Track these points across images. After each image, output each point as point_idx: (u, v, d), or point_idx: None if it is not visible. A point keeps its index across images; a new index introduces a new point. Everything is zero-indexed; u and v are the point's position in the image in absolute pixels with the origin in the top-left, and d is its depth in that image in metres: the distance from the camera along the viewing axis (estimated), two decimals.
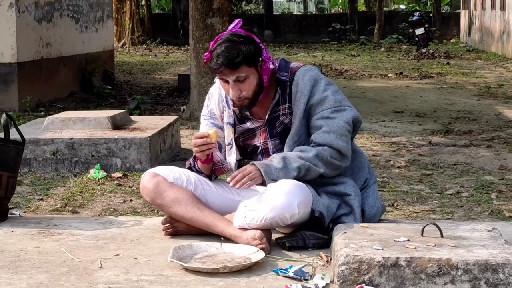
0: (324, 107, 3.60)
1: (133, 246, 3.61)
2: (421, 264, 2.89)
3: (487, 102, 11.88)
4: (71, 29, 12.49)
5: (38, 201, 5.46)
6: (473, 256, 2.91)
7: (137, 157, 6.53)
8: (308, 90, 3.61)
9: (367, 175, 3.75)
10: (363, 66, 18.80)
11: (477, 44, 25.91)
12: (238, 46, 3.51)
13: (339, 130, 3.56)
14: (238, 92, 3.57)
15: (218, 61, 3.51)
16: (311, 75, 3.65)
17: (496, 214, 5.22)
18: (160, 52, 25.31)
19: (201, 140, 3.59)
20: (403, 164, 6.94)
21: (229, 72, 3.53)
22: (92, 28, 13.52)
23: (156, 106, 11.43)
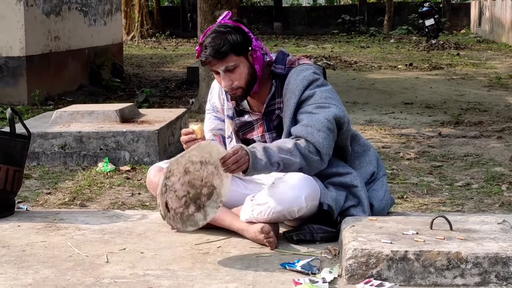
0: (309, 103, 3.54)
1: (140, 240, 3.58)
2: (430, 257, 2.86)
3: (497, 93, 11.80)
4: (79, 22, 12.47)
5: (46, 195, 5.43)
6: (483, 249, 2.88)
7: (145, 150, 6.50)
8: (299, 91, 3.55)
9: (374, 168, 3.70)
10: (372, 58, 18.72)
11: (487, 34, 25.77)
12: (224, 36, 3.49)
13: (317, 125, 3.47)
14: (229, 83, 3.54)
15: (206, 52, 3.50)
16: (304, 76, 3.58)
17: (506, 206, 5.17)
18: (169, 44, 25.28)
19: (187, 137, 3.56)
20: (413, 156, 6.89)
21: (217, 62, 3.50)
22: (101, 21, 13.49)
23: (165, 99, 11.40)
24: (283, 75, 3.64)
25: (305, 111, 3.53)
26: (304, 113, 3.53)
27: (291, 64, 3.66)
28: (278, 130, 3.67)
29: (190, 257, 3.35)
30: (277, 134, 3.67)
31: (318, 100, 3.54)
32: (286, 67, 3.65)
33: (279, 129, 3.66)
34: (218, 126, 3.86)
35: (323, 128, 3.48)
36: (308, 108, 3.53)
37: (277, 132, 3.67)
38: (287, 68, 3.64)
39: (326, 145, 3.49)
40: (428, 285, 2.87)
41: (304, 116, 3.52)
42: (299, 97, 3.55)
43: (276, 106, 3.66)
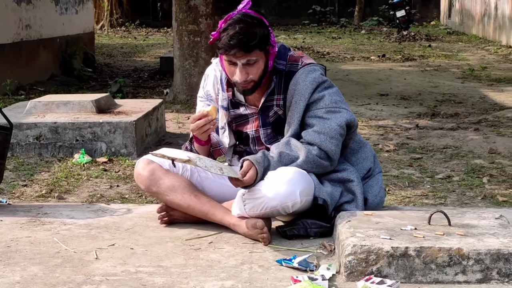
0: (318, 106, 3.48)
1: (128, 236, 3.49)
2: (431, 254, 2.80)
3: (471, 84, 11.82)
4: (51, 10, 12.27)
5: (23, 187, 5.32)
6: (484, 245, 2.82)
7: (122, 141, 6.40)
8: (308, 93, 3.48)
9: (371, 164, 3.64)
10: (344, 49, 18.69)
11: (457, 26, 25.87)
12: (253, 29, 3.39)
13: (331, 132, 3.43)
14: (245, 76, 3.44)
15: (231, 42, 3.37)
16: (314, 78, 3.52)
17: (489, 198, 5.15)
18: (139, 34, 25.04)
19: (203, 120, 3.46)
20: (392, 148, 6.86)
21: (242, 55, 3.40)
22: (72, 9, 13.29)
23: (139, 89, 11.26)
24: (283, 72, 3.55)
25: (315, 115, 3.47)
26: (315, 118, 3.47)
27: (294, 61, 3.57)
28: (273, 126, 3.59)
29: (182, 253, 3.26)
30: (272, 130, 3.60)
31: (328, 104, 3.48)
32: (288, 64, 3.56)
33: (275, 125, 3.59)
34: None
35: (336, 135, 3.44)
36: (319, 112, 3.47)
37: (272, 128, 3.59)
38: (289, 65, 3.56)
39: (338, 152, 3.46)
40: (429, 282, 2.81)
41: (315, 121, 3.46)
42: (308, 99, 3.48)
43: (274, 103, 3.58)
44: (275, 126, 3.58)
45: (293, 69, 3.55)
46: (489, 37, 20.83)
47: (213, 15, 10.04)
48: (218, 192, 3.65)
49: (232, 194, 3.57)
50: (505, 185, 5.49)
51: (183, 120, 8.36)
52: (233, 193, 3.56)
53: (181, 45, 9.90)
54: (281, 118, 3.58)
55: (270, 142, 3.62)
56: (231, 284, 2.89)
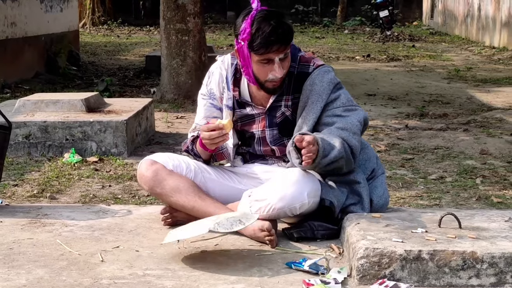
0: (336, 105, 3.47)
1: (132, 238, 3.43)
2: (444, 257, 2.77)
3: (457, 85, 11.85)
4: (36, 8, 12.16)
5: (13, 186, 5.25)
6: (498, 248, 2.80)
7: (113, 140, 6.33)
8: (326, 94, 3.46)
9: (374, 165, 3.61)
10: (329, 48, 18.68)
11: (440, 27, 25.95)
12: (286, 22, 3.39)
13: (353, 128, 3.43)
14: (283, 71, 3.42)
15: (272, 37, 3.32)
16: (330, 79, 3.51)
17: (484, 199, 5.14)
18: (122, 32, 24.92)
19: (216, 133, 3.41)
20: (383, 148, 6.84)
21: (283, 49, 3.37)
22: (57, 7, 13.18)
23: (125, 88, 11.18)
24: (294, 72, 3.51)
25: (334, 114, 3.45)
26: (334, 116, 3.45)
27: (305, 62, 3.53)
28: (280, 127, 3.55)
29: (188, 255, 3.21)
30: (278, 131, 3.55)
31: (345, 103, 3.48)
32: (299, 65, 3.52)
33: (281, 126, 3.55)
34: (213, 113, 3.69)
35: (358, 131, 3.44)
36: (337, 111, 3.45)
37: (279, 129, 3.56)
38: (300, 66, 3.52)
39: (359, 148, 3.44)
40: (443, 285, 2.78)
41: (335, 119, 3.44)
42: (326, 100, 3.46)
43: (282, 103, 3.54)
44: (281, 127, 3.55)
45: (305, 70, 3.52)
46: (472, 37, 20.91)
47: (201, 14, 9.99)
48: (222, 193, 3.61)
49: (236, 195, 3.54)
50: (499, 186, 5.48)
51: (171, 119, 8.31)
52: (237, 194, 3.52)
53: (168, 43, 9.83)
54: (288, 119, 3.54)
55: (275, 143, 3.58)
56: (242, 287, 2.85)
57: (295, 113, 3.55)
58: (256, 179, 3.62)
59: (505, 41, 17.45)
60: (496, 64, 15.05)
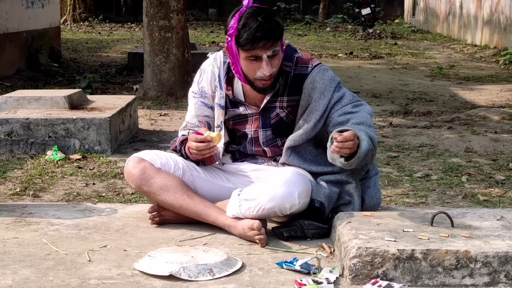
0: (344, 103, 3.43)
1: (120, 237, 3.37)
2: (438, 256, 2.74)
3: (440, 83, 11.87)
4: (17, 4, 12.04)
5: None
6: (491, 248, 2.77)
7: (96, 138, 6.28)
8: (330, 92, 3.42)
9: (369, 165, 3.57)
10: (311, 46, 18.67)
11: (421, 24, 26.01)
12: (274, 18, 3.33)
13: (367, 121, 3.40)
14: (271, 69, 3.34)
15: (258, 33, 3.26)
16: (331, 76, 3.47)
17: (470, 197, 5.13)
18: (103, 29, 24.80)
19: (204, 145, 3.36)
20: None
21: (270, 45, 3.30)
22: (38, 3, 13.06)
23: (107, 85, 11.10)
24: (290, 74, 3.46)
25: (344, 112, 3.40)
26: (346, 114, 3.40)
27: (303, 63, 3.48)
28: (274, 129, 3.50)
29: None
30: (272, 132, 3.51)
31: (352, 100, 3.46)
32: (296, 66, 3.47)
33: (275, 127, 3.50)
34: (204, 112, 3.63)
35: (371, 123, 3.43)
36: (347, 109, 3.41)
37: (273, 130, 3.51)
38: (298, 68, 3.46)
39: (377, 138, 3.40)
40: (436, 285, 2.75)
41: (348, 116, 3.39)
42: (330, 98, 3.42)
43: (277, 104, 3.48)
44: (275, 129, 3.50)
45: (302, 71, 3.46)
46: (454, 35, 20.96)
47: (185, 11, 9.93)
48: (211, 191, 3.55)
49: (225, 194, 3.49)
50: (484, 184, 5.48)
51: (155, 116, 8.26)
52: (226, 192, 3.47)
53: (151, 40, 9.76)
54: (283, 121, 3.49)
55: (268, 144, 3.53)
56: (233, 287, 2.80)
57: (291, 114, 3.49)
58: (245, 177, 3.57)
59: (487, 39, 17.50)
60: (478, 62, 15.10)
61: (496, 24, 16.82)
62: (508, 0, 15.99)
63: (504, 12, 16.25)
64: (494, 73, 13.20)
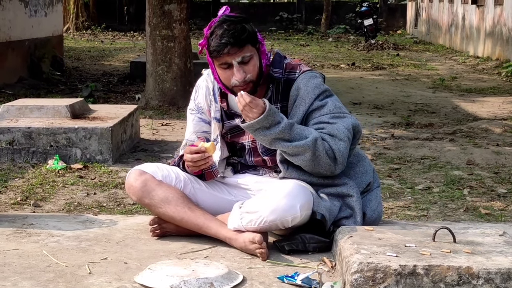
0: (322, 112, 3.38)
1: (120, 249, 3.36)
2: (440, 272, 2.72)
3: (442, 94, 11.88)
4: (20, 12, 12.07)
5: None
6: (493, 264, 2.75)
7: (98, 148, 6.28)
8: (310, 98, 3.39)
9: (370, 178, 3.54)
10: (313, 56, 18.69)
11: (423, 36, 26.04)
12: (240, 24, 3.31)
13: (339, 134, 3.33)
14: (244, 75, 3.32)
15: (222, 40, 3.27)
16: (316, 84, 3.42)
17: (471, 211, 5.12)
18: (105, 38, 24.85)
19: (198, 156, 3.37)
20: (370, 158, 6.80)
21: (236, 51, 3.29)
22: (42, 12, 13.09)
23: (109, 94, 11.12)
24: (280, 80, 3.46)
25: (320, 121, 3.37)
26: (321, 123, 3.36)
27: (291, 69, 3.48)
28: None
29: None
30: None
31: (332, 110, 3.39)
32: (285, 72, 3.47)
33: None
34: (202, 128, 3.64)
35: (345, 137, 3.33)
36: (324, 118, 3.37)
37: None
38: (286, 73, 3.46)
39: (344, 155, 3.33)
40: None
41: (322, 126, 3.36)
42: (310, 105, 3.39)
43: None
44: None
45: (291, 77, 3.46)
46: (456, 47, 20.98)
47: (187, 20, 9.95)
48: (212, 204, 3.54)
49: (226, 207, 3.47)
50: (486, 197, 5.47)
51: (156, 126, 8.26)
52: (228, 205, 3.46)
53: (154, 50, 9.78)
54: None
55: (267, 153, 3.52)
56: None
57: None
58: (246, 190, 3.56)
59: (489, 51, 17.51)
60: (481, 74, 15.11)
61: (499, 36, 16.83)
62: (510, 12, 16.00)
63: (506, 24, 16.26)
64: (496, 85, 13.21)
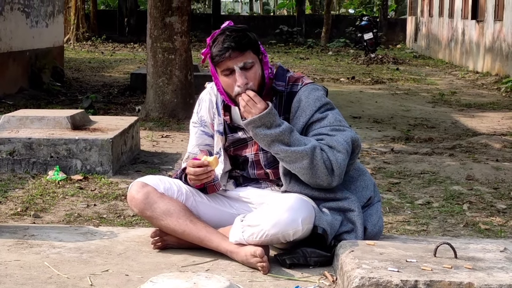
0: (323, 124, 3.41)
1: (122, 261, 3.36)
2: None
3: (442, 109, 11.89)
4: (21, 23, 12.09)
5: None
6: (495, 280, 2.76)
7: (98, 159, 6.28)
8: (311, 110, 3.41)
9: (371, 193, 3.56)
10: (313, 69, 18.71)
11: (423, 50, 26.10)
12: (242, 32, 3.36)
13: (338, 146, 3.35)
14: (245, 81, 3.36)
15: (224, 45, 3.31)
16: (318, 96, 3.45)
17: (471, 226, 5.13)
18: (106, 49, 24.89)
19: (201, 170, 3.38)
20: (370, 172, 6.80)
21: (238, 55, 3.33)
22: (43, 23, 13.12)
23: (110, 105, 11.12)
24: (283, 93, 3.48)
25: (320, 133, 3.39)
26: (320, 135, 3.39)
27: (294, 81, 3.50)
28: None
29: None
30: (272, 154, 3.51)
31: (332, 123, 3.41)
32: (288, 85, 3.49)
33: None
34: (205, 141, 3.66)
35: (343, 150, 3.35)
36: (323, 130, 3.39)
37: None
38: (289, 86, 3.49)
39: (342, 167, 3.35)
40: None
41: (321, 137, 3.38)
42: (310, 117, 3.41)
43: None
44: None
45: (294, 89, 3.49)
46: (455, 62, 21.03)
47: (188, 33, 9.97)
48: (213, 217, 3.55)
49: (228, 220, 3.48)
50: (486, 213, 5.48)
51: (157, 138, 8.26)
52: (229, 218, 3.47)
53: (155, 62, 9.80)
54: None
55: (269, 166, 3.53)
56: None
57: None
58: (248, 203, 3.57)
59: (489, 66, 17.55)
60: (480, 89, 15.14)
61: (498, 52, 16.87)
62: (510, 28, 16.05)
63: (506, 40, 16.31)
64: (496, 100, 13.23)
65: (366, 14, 24.49)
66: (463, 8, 20.68)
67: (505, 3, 16.44)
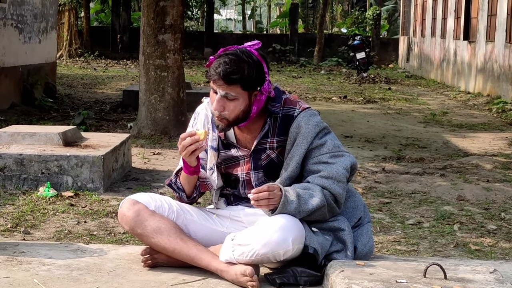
0: (322, 152, 3.44)
1: (111, 279, 3.36)
2: None
3: (433, 129, 11.92)
4: (14, 39, 12.11)
5: None
6: None
7: (89, 176, 6.27)
8: (311, 137, 3.44)
9: (361, 213, 3.58)
10: (306, 88, 18.76)
11: (415, 70, 26.20)
12: (242, 64, 3.34)
13: (338, 176, 3.40)
14: (221, 108, 3.39)
15: (216, 70, 3.34)
16: (316, 122, 3.47)
17: (461, 247, 5.14)
18: (98, 65, 24.90)
19: (189, 139, 3.36)
20: (361, 192, 6.83)
21: (222, 84, 3.35)
22: (36, 39, 13.14)
23: (102, 122, 11.12)
24: (278, 115, 3.49)
25: (320, 161, 3.42)
26: (320, 163, 3.42)
27: (290, 104, 3.51)
28: (265, 170, 3.52)
29: None
30: (264, 174, 3.52)
31: (331, 149, 3.45)
32: (284, 107, 3.50)
33: (267, 169, 3.51)
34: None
35: (343, 179, 3.41)
36: (323, 158, 3.42)
37: (264, 172, 3.52)
38: (285, 108, 3.50)
39: (343, 195, 3.42)
40: None
41: (321, 166, 3.42)
42: (310, 143, 3.44)
43: (267, 145, 3.51)
44: (267, 170, 3.51)
45: (290, 112, 3.49)
46: (447, 82, 21.12)
47: (181, 50, 9.99)
48: (204, 235, 3.55)
49: (218, 238, 3.48)
50: (476, 233, 5.49)
51: (148, 155, 8.26)
52: (220, 237, 3.47)
53: (147, 79, 9.80)
54: (273, 162, 3.51)
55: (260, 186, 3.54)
56: None
57: (281, 155, 3.52)
58: (239, 222, 3.57)
59: (480, 86, 17.63)
60: (471, 110, 15.19)
61: (490, 72, 16.95)
62: (501, 49, 16.14)
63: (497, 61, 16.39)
64: (487, 121, 13.27)
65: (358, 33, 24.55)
66: (455, 28, 20.79)
67: (497, 24, 16.54)
